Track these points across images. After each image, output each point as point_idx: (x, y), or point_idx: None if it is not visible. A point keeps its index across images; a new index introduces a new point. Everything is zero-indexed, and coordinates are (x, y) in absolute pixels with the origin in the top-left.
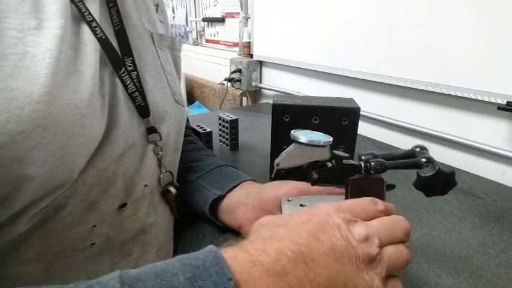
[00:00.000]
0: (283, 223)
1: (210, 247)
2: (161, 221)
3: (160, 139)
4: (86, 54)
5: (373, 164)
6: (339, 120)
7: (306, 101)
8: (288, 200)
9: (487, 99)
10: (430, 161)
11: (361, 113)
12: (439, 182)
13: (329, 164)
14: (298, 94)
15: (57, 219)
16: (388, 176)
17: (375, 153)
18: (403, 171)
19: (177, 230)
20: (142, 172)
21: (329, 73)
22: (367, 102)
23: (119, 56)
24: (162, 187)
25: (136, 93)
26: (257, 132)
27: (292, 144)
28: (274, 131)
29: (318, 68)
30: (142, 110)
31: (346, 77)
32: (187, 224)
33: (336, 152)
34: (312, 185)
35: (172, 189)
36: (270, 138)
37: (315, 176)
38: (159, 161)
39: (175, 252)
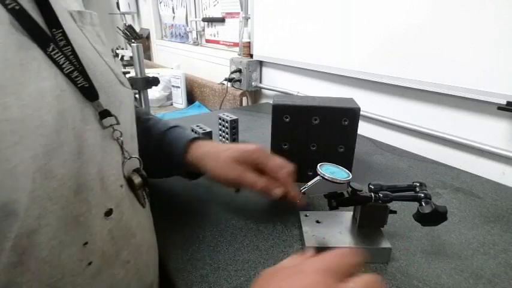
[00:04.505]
0: None
1: None
2: (142, 217)
3: (118, 123)
4: None
5: (381, 195)
6: (339, 120)
7: (306, 101)
8: (306, 216)
9: (486, 99)
10: (428, 197)
11: (361, 113)
12: (434, 217)
13: (345, 194)
14: (298, 94)
15: (38, 247)
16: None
17: (382, 184)
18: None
19: (177, 230)
20: (113, 165)
21: (329, 73)
22: (367, 102)
23: (42, 29)
24: (126, 176)
25: (76, 73)
26: (257, 132)
27: (318, 177)
28: (274, 131)
29: (318, 68)
30: (88, 92)
31: (346, 77)
32: (187, 224)
33: (352, 184)
34: (330, 209)
35: (136, 179)
36: (270, 138)
37: (334, 203)
38: (121, 147)
39: (175, 252)
